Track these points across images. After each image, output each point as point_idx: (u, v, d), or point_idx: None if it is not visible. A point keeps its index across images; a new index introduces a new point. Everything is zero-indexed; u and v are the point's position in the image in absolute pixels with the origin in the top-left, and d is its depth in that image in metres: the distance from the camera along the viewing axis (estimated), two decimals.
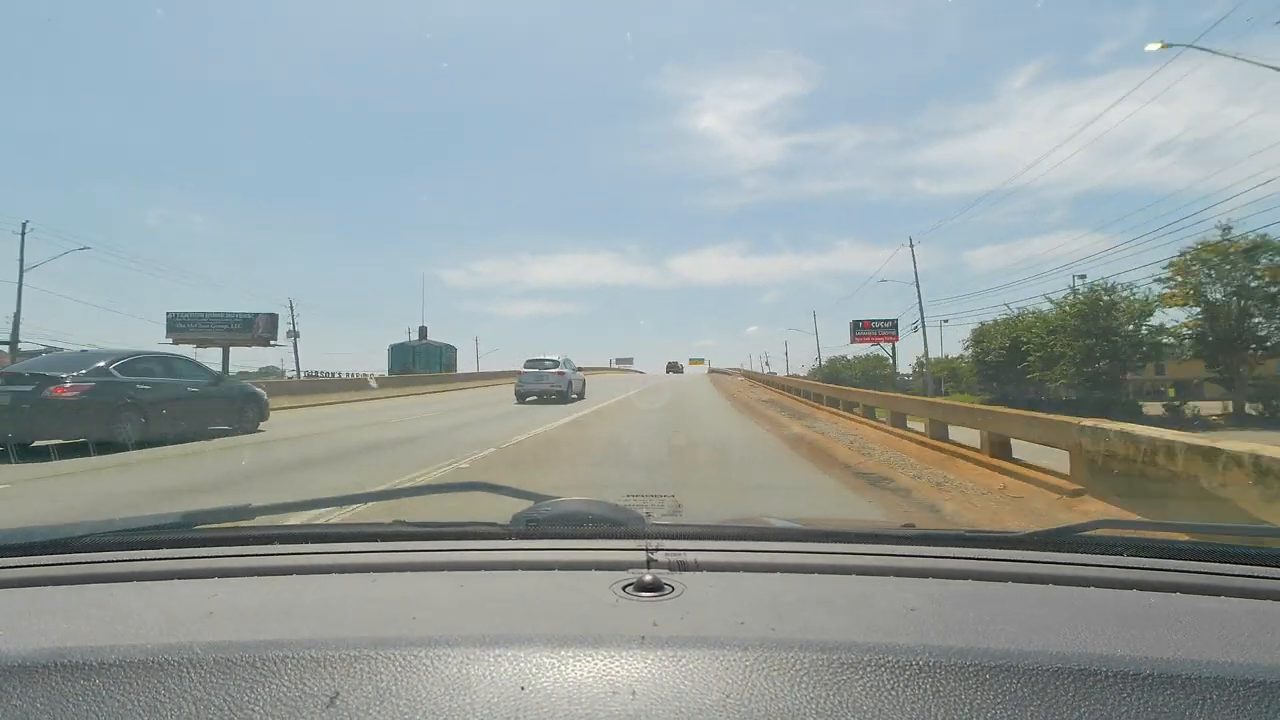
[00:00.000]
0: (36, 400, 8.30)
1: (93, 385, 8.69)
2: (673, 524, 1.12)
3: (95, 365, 9.01)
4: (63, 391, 8.41)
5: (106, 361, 9.19)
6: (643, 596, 0.79)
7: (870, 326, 48.10)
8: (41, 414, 8.29)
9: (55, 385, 8.44)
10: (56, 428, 8.40)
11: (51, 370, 8.78)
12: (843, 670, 0.59)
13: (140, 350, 10.22)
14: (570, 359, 21.73)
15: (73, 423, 8.45)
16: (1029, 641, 0.66)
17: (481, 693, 0.56)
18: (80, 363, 9.09)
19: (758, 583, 0.86)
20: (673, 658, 0.61)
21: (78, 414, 8.44)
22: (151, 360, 10.07)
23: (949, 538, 1.08)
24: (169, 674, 0.59)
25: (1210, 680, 0.58)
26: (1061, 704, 0.55)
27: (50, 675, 0.59)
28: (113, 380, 8.98)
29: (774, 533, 1.16)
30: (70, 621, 0.73)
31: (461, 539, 1.05)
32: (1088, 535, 1.04)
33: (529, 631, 0.69)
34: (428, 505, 1.35)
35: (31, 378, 8.60)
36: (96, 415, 8.56)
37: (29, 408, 8.25)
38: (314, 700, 0.56)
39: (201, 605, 0.77)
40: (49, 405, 8.32)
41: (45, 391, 8.36)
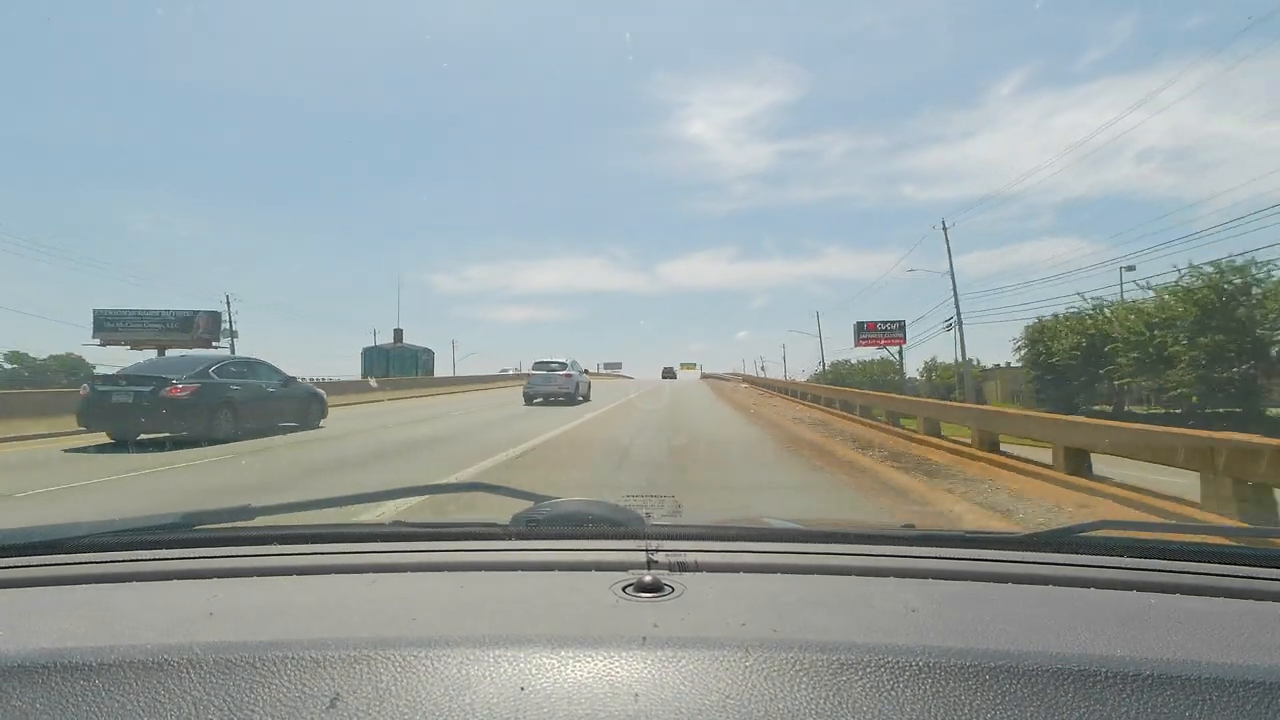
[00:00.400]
0: (154, 399, 9.46)
1: (198, 386, 9.87)
2: (673, 524, 1.12)
3: (198, 368, 10.27)
4: (175, 392, 9.58)
5: (206, 365, 10.55)
6: (643, 597, 0.79)
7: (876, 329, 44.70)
8: (158, 411, 9.46)
9: (169, 386, 9.58)
10: (169, 423, 9.56)
11: (164, 373, 9.91)
12: (843, 671, 0.59)
13: (231, 355, 11.79)
14: (577, 361, 21.78)
15: (182, 418, 9.59)
16: (1029, 642, 0.66)
17: (482, 693, 0.56)
18: (186, 366, 10.34)
19: (758, 583, 0.86)
20: (673, 658, 0.61)
21: (186, 411, 9.60)
22: (239, 363, 11.50)
23: (949, 538, 1.08)
24: (169, 674, 0.59)
25: (1210, 680, 0.58)
26: (1061, 704, 0.55)
27: (50, 675, 0.59)
28: (212, 382, 10.21)
29: (774, 533, 1.16)
30: (70, 622, 0.73)
31: (461, 539, 1.05)
32: (1088, 536, 1.04)
33: (529, 632, 0.69)
34: (427, 505, 1.35)
35: (149, 379, 9.69)
36: (200, 412, 9.72)
37: (148, 405, 9.43)
38: (314, 701, 0.56)
39: (201, 606, 0.77)
40: (164, 403, 9.48)
41: (161, 391, 9.50)
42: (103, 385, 9.85)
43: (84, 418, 9.76)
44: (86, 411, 9.71)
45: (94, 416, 9.67)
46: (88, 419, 9.74)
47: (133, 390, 9.55)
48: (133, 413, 9.42)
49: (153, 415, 9.47)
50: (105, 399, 9.57)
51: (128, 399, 9.48)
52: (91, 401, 9.64)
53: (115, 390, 9.63)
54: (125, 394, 9.52)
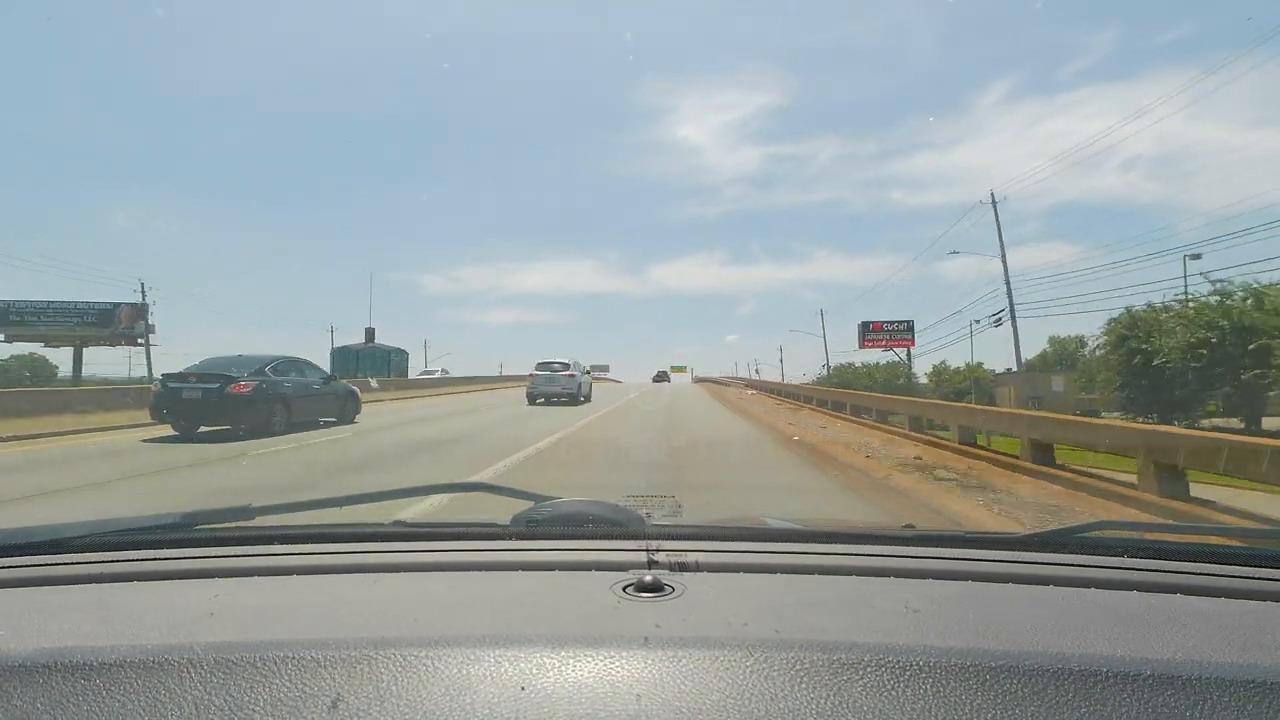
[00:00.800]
0: (221, 396, 10.41)
1: (257, 384, 10.82)
2: (673, 524, 1.12)
3: (256, 367, 11.15)
4: (239, 389, 10.51)
5: (262, 364, 11.42)
6: (643, 597, 0.79)
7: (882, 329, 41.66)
8: (224, 406, 10.43)
9: (233, 384, 10.50)
10: (232, 417, 10.49)
11: (228, 371, 10.79)
12: (843, 670, 0.59)
13: (282, 355, 12.44)
14: (579, 362, 21.85)
15: (244, 413, 10.53)
16: (1029, 642, 0.66)
17: (482, 693, 0.56)
18: (246, 365, 11.17)
19: (758, 583, 0.86)
20: (673, 658, 0.61)
21: (247, 406, 10.56)
22: (289, 362, 12.35)
23: (949, 538, 1.08)
24: (170, 674, 0.59)
25: (1210, 680, 0.58)
26: (1061, 704, 0.55)
27: (51, 675, 0.59)
28: (269, 379, 11.18)
29: (774, 533, 1.16)
30: (71, 621, 0.73)
31: (462, 539, 1.05)
32: (1088, 536, 1.04)
33: (530, 632, 0.69)
34: (428, 505, 1.35)
35: (215, 377, 10.61)
36: (259, 407, 10.75)
37: (216, 401, 10.39)
38: (315, 701, 0.56)
39: (202, 605, 0.77)
40: (229, 399, 10.44)
41: (227, 389, 10.45)
42: (174, 383, 10.73)
43: (157, 412, 10.66)
44: (159, 407, 10.61)
45: (166, 411, 10.58)
46: (160, 414, 10.62)
47: (201, 388, 10.47)
48: (201, 408, 10.39)
49: (218, 410, 10.38)
50: (176, 395, 10.48)
51: (197, 395, 10.42)
52: (163, 398, 10.57)
53: (186, 388, 10.55)
54: (195, 391, 10.46)
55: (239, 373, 10.80)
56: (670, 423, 14.32)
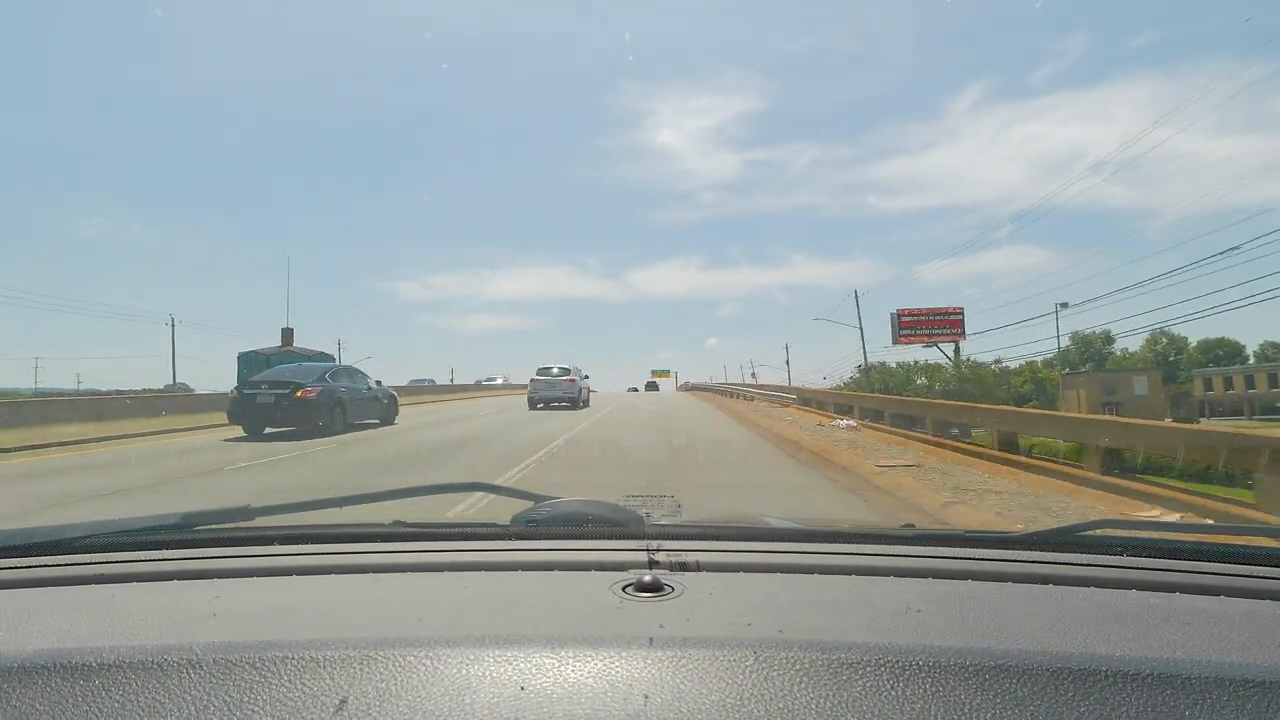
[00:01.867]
0: (291, 400, 11.62)
1: (320, 389, 12.00)
2: (673, 524, 1.12)
3: (318, 374, 12.46)
4: (306, 394, 11.70)
5: (323, 371, 12.82)
6: (643, 597, 0.79)
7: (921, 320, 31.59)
8: (292, 409, 11.62)
9: (301, 389, 11.66)
10: (300, 419, 11.69)
11: (295, 378, 12.08)
12: (843, 670, 0.59)
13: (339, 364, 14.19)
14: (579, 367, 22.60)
15: (309, 415, 11.74)
16: (1030, 641, 0.66)
17: (483, 693, 0.56)
18: (308, 373, 12.52)
19: (758, 583, 0.86)
20: (674, 658, 0.61)
21: (312, 409, 11.78)
22: (344, 370, 13.81)
23: (949, 538, 1.08)
24: (170, 675, 0.59)
25: (1210, 680, 0.58)
26: (1061, 704, 0.55)
27: (50, 676, 0.59)
28: (329, 385, 12.35)
29: (774, 533, 1.16)
30: (71, 622, 0.73)
31: (462, 539, 1.05)
32: (1088, 535, 1.04)
33: (530, 632, 0.69)
34: (427, 505, 1.35)
35: (285, 384, 11.82)
36: (322, 410, 11.95)
37: (287, 405, 11.59)
38: (316, 701, 0.56)
39: (203, 606, 0.77)
40: (297, 403, 11.62)
41: (295, 394, 11.63)
42: (248, 390, 12.01)
43: (234, 416, 11.85)
44: (236, 411, 11.84)
45: (242, 414, 11.79)
46: (237, 417, 11.82)
47: (273, 393, 11.69)
48: (273, 411, 11.63)
49: (288, 413, 11.61)
50: (251, 401, 11.75)
51: (269, 400, 11.65)
52: (240, 403, 11.82)
53: (259, 394, 11.76)
54: (268, 396, 11.70)
55: (304, 379, 12.03)
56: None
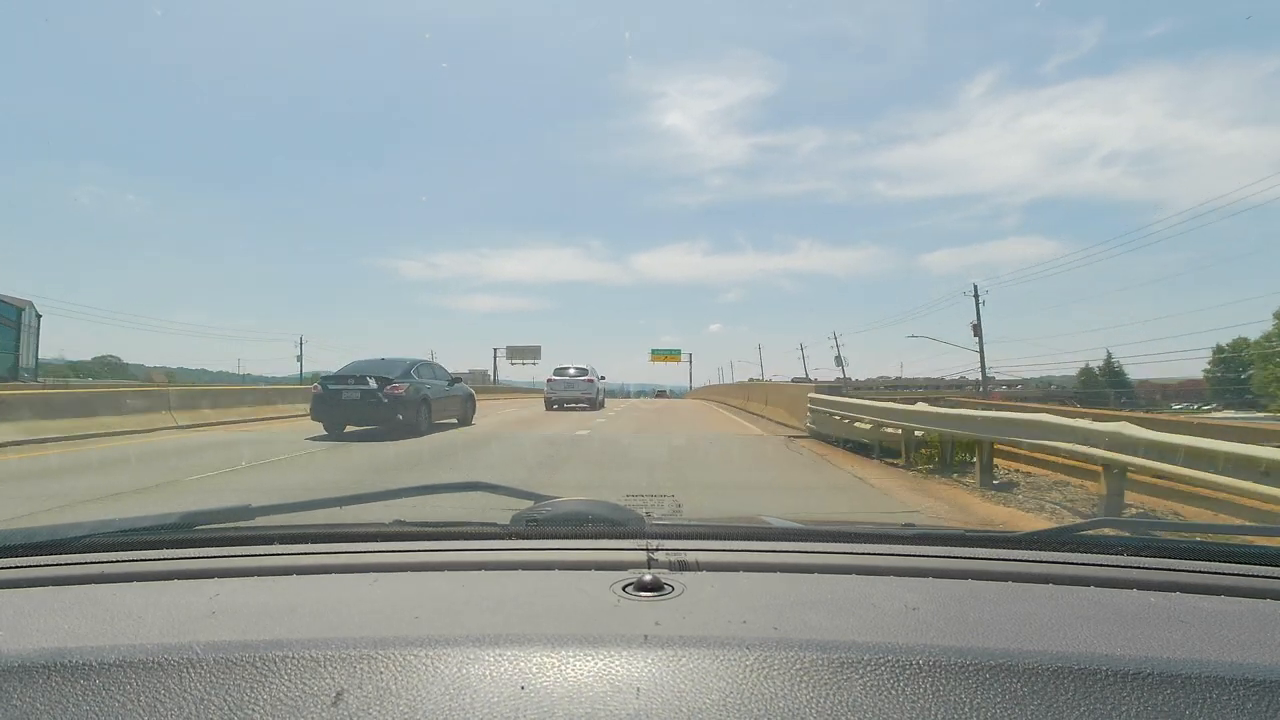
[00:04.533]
0: (377, 396, 11.28)
1: (408, 385, 11.64)
2: (673, 524, 1.12)
3: (402, 370, 11.93)
4: (394, 390, 11.36)
5: (408, 366, 12.22)
6: (643, 596, 0.79)
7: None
8: (381, 406, 11.29)
9: (389, 385, 11.33)
10: (387, 417, 11.33)
11: (382, 374, 11.61)
12: (843, 670, 0.59)
13: (419, 358, 13.24)
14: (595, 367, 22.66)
15: (396, 412, 11.35)
16: (1029, 641, 0.66)
17: (482, 693, 0.56)
18: (395, 367, 11.98)
19: (758, 582, 0.86)
20: (673, 657, 0.61)
21: (399, 405, 11.38)
22: (425, 365, 13.16)
23: (949, 537, 1.08)
24: (170, 674, 0.59)
25: (1210, 680, 0.58)
26: (1061, 703, 0.55)
27: (51, 676, 0.59)
28: (415, 381, 11.97)
29: (774, 532, 1.16)
30: (71, 622, 0.73)
31: (462, 539, 1.05)
32: (1088, 535, 1.04)
33: (529, 631, 0.69)
34: (427, 505, 1.35)
35: (373, 379, 11.45)
36: (409, 408, 11.55)
37: (374, 401, 11.27)
38: (315, 700, 0.56)
39: (202, 605, 0.77)
40: (385, 399, 11.29)
41: (384, 390, 11.31)
42: (333, 385, 11.56)
43: (317, 411, 11.52)
44: (320, 405, 11.48)
45: (326, 409, 11.46)
46: (320, 412, 11.49)
47: (359, 389, 11.36)
48: (360, 408, 11.31)
49: (375, 410, 11.25)
50: (336, 396, 11.38)
51: (355, 396, 11.34)
52: (324, 398, 11.46)
53: (345, 389, 11.43)
54: (354, 392, 11.37)
55: (391, 374, 11.57)
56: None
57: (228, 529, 1.13)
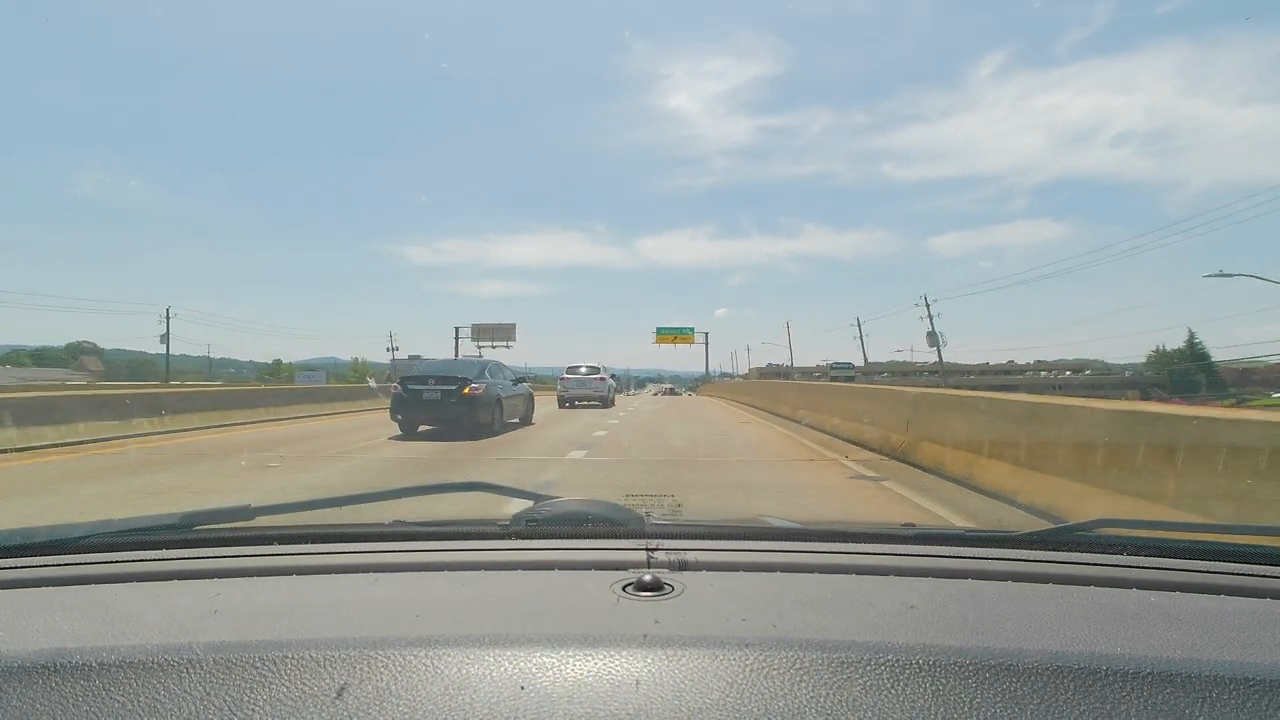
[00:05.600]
0: (457, 396, 11.46)
1: (485, 385, 11.81)
2: (672, 523, 1.12)
3: (477, 370, 12.15)
4: (473, 390, 11.53)
5: (482, 367, 12.49)
6: (643, 596, 0.79)
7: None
8: (459, 405, 11.45)
9: (466, 386, 11.49)
10: (467, 415, 11.48)
11: (461, 373, 11.90)
12: (843, 669, 0.59)
13: (489, 359, 13.42)
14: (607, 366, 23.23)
15: (475, 411, 11.50)
16: (1029, 641, 0.66)
17: (482, 692, 0.56)
18: (471, 368, 12.32)
19: (757, 582, 0.86)
20: (673, 657, 0.61)
21: (478, 405, 11.55)
22: (495, 365, 13.34)
23: (948, 537, 1.08)
24: (170, 675, 0.59)
25: (1210, 679, 0.58)
26: (1061, 703, 0.55)
27: (50, 676, 0.59)
28: (490, 381, 12.14)
29: (773, 532, 1.16)
30: (71, 622, 0.73)
31: (462, 539, 1.05)
32: (1088, 535, 1.04)
33: (529, 631, 0.69)
34: (427, 505, 1.35)
35: (451, 379, 11.65)
36: (486, 406, 11.71)
37: (453, 402, 11.43)
38: (316, 700, 0.56)
39: (203, 606, 0.77)
40: (463, 399, 11.46)
41: (460, 390, 11.48)
42: (413, 385, 11.70)
43: (396, 410, 11.62)
44: (399, 405, 11.59)
45: (405, 409, 11.55)
46: (400, 411, 11.57)
47: (439, 389, 11.49)
48: (439, 408, 11.43)
49: (454, 410, 11.39)
50: (416, 396, 11.49)
51: (435, 396, 11.45)
52: (404, 398, 11.55)
53: (425, 389, 11.56)
54: (434, 392, 11.49)
55: (469, 374, 11.83)
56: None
57: (228, 529, 1.13)
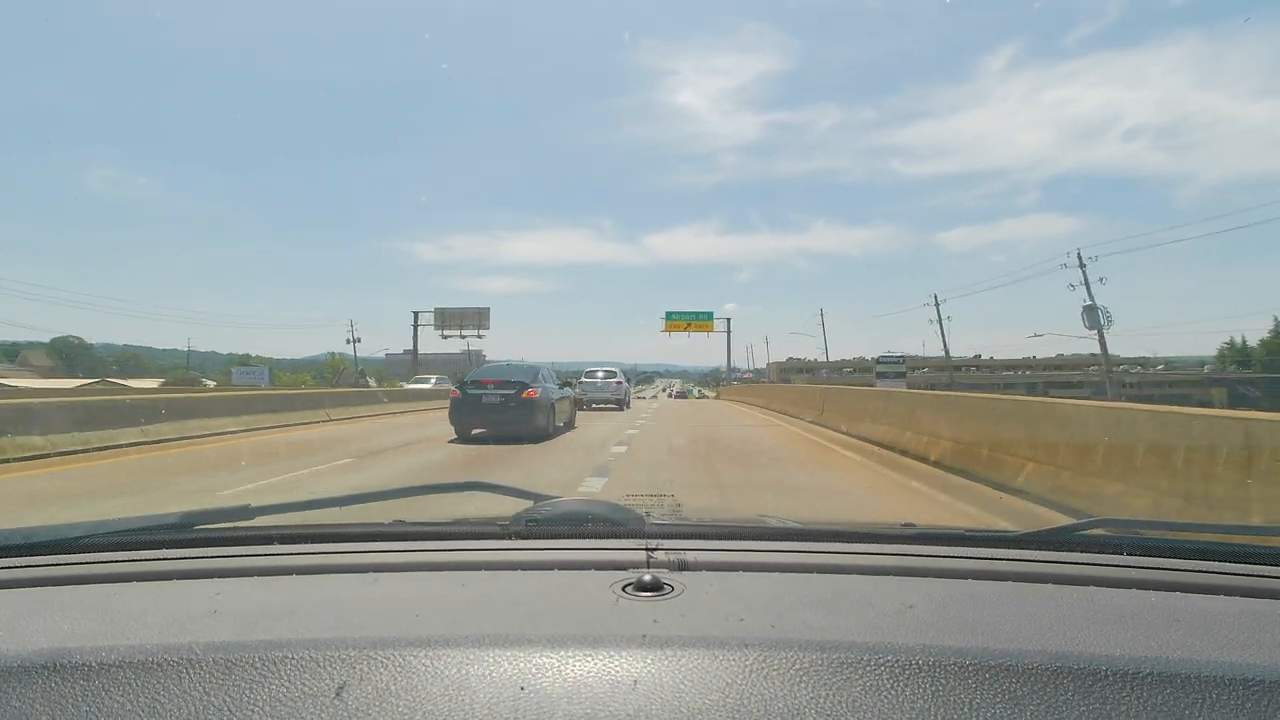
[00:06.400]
0: (517, 400, 11.51)
1: (542, 390, 11.87)
2: (672, 524, 1.12)
3: (532, 375, 12.23)
4: (531, 395, 11.59)
5: (535, 371, 12.54)
6: (643, 596, 0.79)
7: None
8: (518, 409, 11.48)
9: (526, 390, 11.53)
10: (525, 419, 11.51)
11: (519, 377, 11.97)
12: (842, 670, 0.59)
13: (538, 364, 13.46)
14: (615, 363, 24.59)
15: (534, 415, 11.56)
16: (1028, 640, 0.66)
17: (482, 693, 0.56)
18: (526, 372, 12.33)
19: (757, 582, 0.86)
20: (672, 657, 0.61)
21: (535, 410, 11.61)
22: (545, 370, 13.33)
23: (948, 537, 1.08)
24: (170, 675, 0.59)
25: (1210, 679, 0.58)
26: (1061, 703, 0.56)
27: (50, 676, 0.59)
28: (545, 386, 12.21)
29: (773, 532, 1.16)
30: (70, 622, 0.73)
31: (462, 539, 1.05)
32: (1088, 534, 1.04)
33: (529, 631, 0.69)
34: (427, 505, 1.35)
35: (510, 384, 11.70)
36: (542, 411, 11.78)
37: (513, 406, 11.47)
38: (315, 700, 0.56)
39: (203, 606, 0.78)
40: (522, 403, 11.52)
41: (521, 394, 11.54)
42: (473, 389, 11.80)
43: (456, 414, 11.72)
44: (459, 409, 11.70)
45: (465, 412, 11.66)
46: (459, 414, 11.68)
47: (499, 393, 11.57)
48: (499, 412, 11.48)
49: (513, 414, 11.42)
50: (476, 400, 11.60)
51: (495, 400, 11.54)
52: (464, 402, 11.67)
53: (485, 393, 11.65)
54: (494, 396, 11.58)
55: (524, 379, 11.89)
56: None
57: (228, 529, 1.13)
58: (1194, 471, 4.92)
